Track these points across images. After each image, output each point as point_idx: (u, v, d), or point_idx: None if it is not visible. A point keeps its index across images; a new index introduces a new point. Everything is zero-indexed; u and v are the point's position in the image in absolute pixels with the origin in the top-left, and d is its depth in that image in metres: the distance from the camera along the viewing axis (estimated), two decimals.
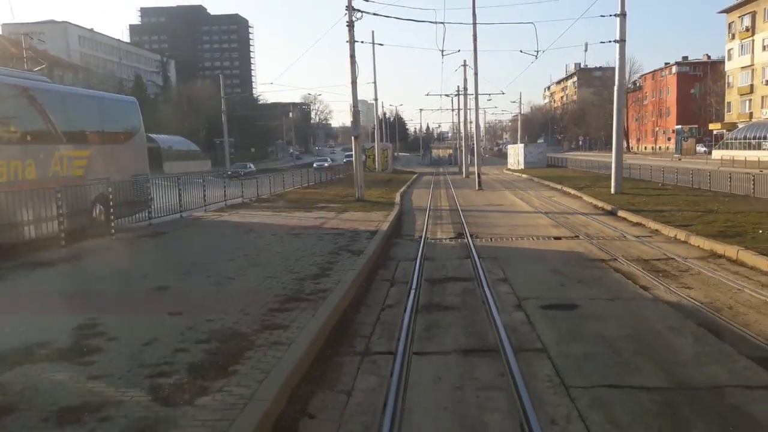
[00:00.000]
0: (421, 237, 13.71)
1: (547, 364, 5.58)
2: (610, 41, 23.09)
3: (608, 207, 18.45)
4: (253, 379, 4.79)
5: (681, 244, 12.07)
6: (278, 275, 8.83)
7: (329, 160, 74.20)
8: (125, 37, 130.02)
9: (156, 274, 9.24)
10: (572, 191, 25.00)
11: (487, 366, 5.58)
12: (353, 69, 20.88)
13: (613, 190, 22.56)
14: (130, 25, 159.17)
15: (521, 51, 33.37)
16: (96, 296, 8.02)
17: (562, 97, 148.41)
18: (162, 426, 4.03)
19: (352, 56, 20.83)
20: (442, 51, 30.70)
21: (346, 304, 7.62)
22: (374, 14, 24.39)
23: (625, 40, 22.13)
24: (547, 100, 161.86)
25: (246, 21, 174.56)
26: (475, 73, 30.39)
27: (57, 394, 4.57)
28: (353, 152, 23.34)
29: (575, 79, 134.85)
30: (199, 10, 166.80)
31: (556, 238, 13.35)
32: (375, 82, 47.13)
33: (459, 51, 54.66)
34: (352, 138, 22.50)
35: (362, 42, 36.10)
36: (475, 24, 27.75)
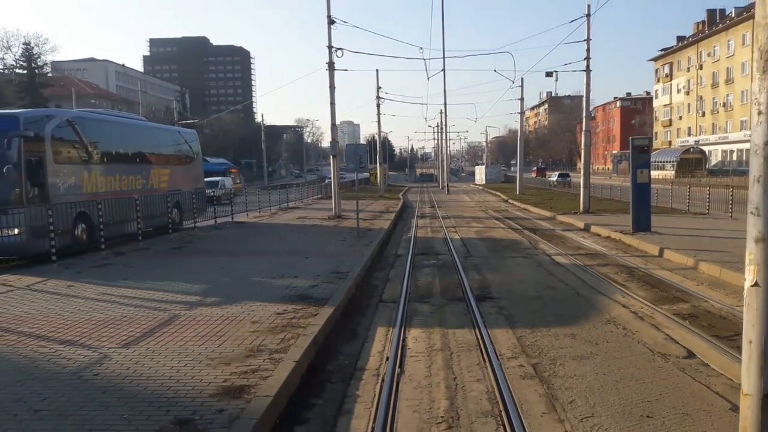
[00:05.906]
0: (416, 206, 32.59)
1: (448, 217, 24.00)
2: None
3: (506, 198, 37.45)
4: (387, 219, 23.29)
5: (516, 206, 31.09)
6: (373, 209, 27.47)
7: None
8: (138, 67, 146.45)
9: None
10: (498, 194, 43.85)
11: (435, 219, 24.25)
12: (379, 134, 39.69)
13: (517, 192, 41.30)
14: (144, 56, 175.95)
15: (467, 118, 54.79)
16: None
17: (535, 122, 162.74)
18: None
19: (378, 124, 39.87)
20: (426, 118, 50.88)
21: (399, 215, 26.48)
22: (390, 99, 43.68)
23: (521, 112, 41.03)
24: None
25: (248, 52, 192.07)
26: (445, 126, 49.59)
27: None
28: (378, 173, 42.32)
29: (546, 106, 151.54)
30: (204, 41, 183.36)
31: (471, 207, 32.15)
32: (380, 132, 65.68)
33: (435, 117, 75.95)
34: (378, 164, 41.42)
35: (382, 114, 54.39)
36: (445, 104, 47.41)
